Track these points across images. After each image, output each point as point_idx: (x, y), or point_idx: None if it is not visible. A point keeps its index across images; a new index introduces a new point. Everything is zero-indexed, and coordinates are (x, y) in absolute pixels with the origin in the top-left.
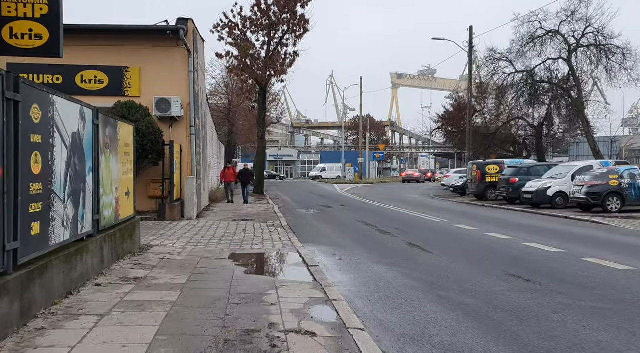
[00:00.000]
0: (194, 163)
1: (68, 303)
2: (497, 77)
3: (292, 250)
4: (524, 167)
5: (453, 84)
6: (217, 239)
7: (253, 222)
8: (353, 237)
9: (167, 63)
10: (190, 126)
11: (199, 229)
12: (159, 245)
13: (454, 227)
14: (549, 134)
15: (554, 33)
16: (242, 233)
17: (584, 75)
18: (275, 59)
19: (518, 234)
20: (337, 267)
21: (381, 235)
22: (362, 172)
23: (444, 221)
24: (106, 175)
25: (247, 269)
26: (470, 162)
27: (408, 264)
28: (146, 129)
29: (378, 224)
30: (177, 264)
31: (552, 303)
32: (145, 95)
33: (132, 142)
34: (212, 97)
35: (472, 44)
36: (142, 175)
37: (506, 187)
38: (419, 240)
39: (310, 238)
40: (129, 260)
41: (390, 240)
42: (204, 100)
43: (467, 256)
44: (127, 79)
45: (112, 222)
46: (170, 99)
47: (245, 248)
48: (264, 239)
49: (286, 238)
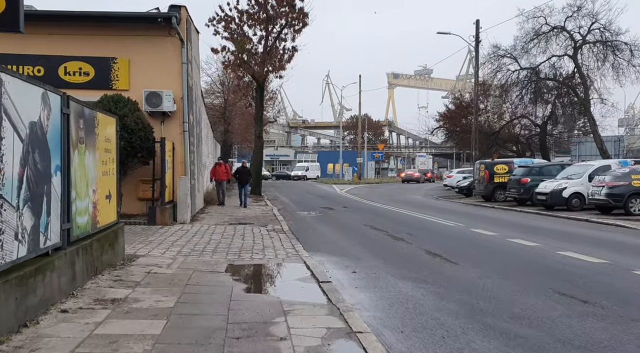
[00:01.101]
0: (188, 162)
1: (18, 342)
2: (501, 74)
3: (298, 261)
4: (535, 167)
5: (449, 83)
6: (212, 247)
7: (252, 226)
8: (363, 244)
9: (159, 54)
10: (184, 122)
11: (192, 235)
12: (146, 254)
13: (472, 232)
14: (552, 133)
15: (559, 29)
16: (240, 240)
17: (590, 73)
18: (274, 54)
19: (546, 241)
20: (353, 283)
21: (394, 241)
22: (361, 172)
23: (459, 225)
24: (80, 176)
25: (247, 286)
26: (477, 162)
27: (435, 279)
28: (135, 124)
29: (387, 228)
30: (166, 280)
31: (630, 334)
32: (135, 88)
33: (115, 137)
34: (207, 96)
35: (478, 38)
36: (131, 175)
37: (517, 188)
38: (438, 248)
39: (315, 245)
40: (108, 276)
41: (406, 248)
42: (199, 95)
43: (499, 268)
44: (115, 71)
45: (87, 230)
46: (162, 92)
47: (244, 259)
48: (264, 247)
49: (289, 245)
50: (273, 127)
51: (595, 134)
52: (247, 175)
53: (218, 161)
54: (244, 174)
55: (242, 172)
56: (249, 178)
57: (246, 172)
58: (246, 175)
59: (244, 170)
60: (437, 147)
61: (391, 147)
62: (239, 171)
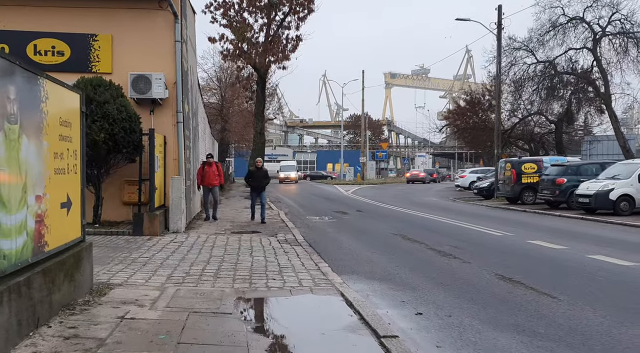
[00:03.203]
0: (182, 159)
1: None
2: (517, 67)
3: (331, 290)
4: (572, 166)
5: (447, 83)
6: (213, 268)
7: (259, 236)
8: (407, 263)
9: (147, 30)
10: (177, 112)
11: (187, 249)
12: (123, 282)
13: (533, 245)
14: (567, 130)
15: (578, 20)
16: (249, 256)
17: (610, 67)
18: (276, 43)
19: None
20: (429, 337)
21: (444, 259)
22: (364, 172)
23: (507, 234)
24: (10, 174)
25: (270, 343)
26: (502, 160)
27: (548, 329)
28: (118, 113)
29: (424, 239)
30: (146, 335)
31: None
32: (119, 71)
33: (79, 121)
34: (204, 93)
35: (500, 25)
36: (115, 174)
37: (551, 189)
38: (508, 270)
39: (345, 264)
40: (57, 328)
41: (466, 270)
42: (195, 83)
43: (627, 309)
44: (95, 51)
45: (25, 259)
46: (151, 75)
47: (258, 287)
48: (281, 267)
49: (311, 263)
50: (270, 127)
51: (617, 131)
52: (263, 179)
53: (207, 158)
54: (258, 177)
55: (256, 175)
56: (265, 182)
57: (261, 175)
58: (262, 178)
59: (258, 172)
60: (437, 146)
61: (391, 147)
62: (252, 174)
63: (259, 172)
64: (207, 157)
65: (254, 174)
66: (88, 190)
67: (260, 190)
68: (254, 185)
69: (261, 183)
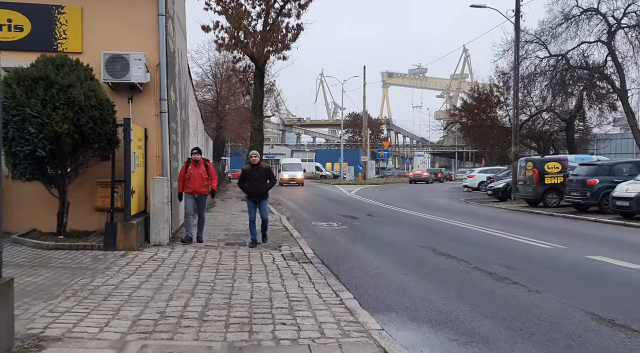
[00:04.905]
0: (167, 156)
1: None
2: (529, 61)
3: (368, 346)
4: (604, 165)
5: (444, 83)
6: (199, 303)
7: (259, 249)
8: (457, 293)
9: (125, 1)
10: (161, 99)
11: (168, 271)
12: (65, 334)
13: (603, 264)
14: (578, 128)
15: (592, 12)
16: (247, 282)
17: (625, 61)
18: (275, 32)
19: None
20: None
21: (500, 285)
22: (365, 172)
23: (558, 247)
24: None
25: None
26: (522, 159)
27: None
28: (85, 99)
29: (460, 254)
30: None
31: None
32: (91, 50)
33: None
34: (198, 89)
35: (519, 11)
36: (86, 175)
37: (581, 191)
38: (600, 306)
39: (376, 295)
40: None
41: (543, 306)
42: (185, 69)
43: None
44: (62, 25)
45: None
46: (129, 56)
47: (262, 340)
48: (290, 301)
49: (330, 293)
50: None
51: (634, 129)
52: (264, 181)
53: (193, 154)
54: (256, 178)
55: (252, 176)
56: (267, 186)
57: (260, 176)
58: (261, 181)
59: (256, 171)
60: (436, 146)
61: (390, 146)
62: (247, 175)
63: (257, 172)
64: (192, 152)
65: (250, 175)
66: (51, 193)
67: (260, 197)
68: (251, 192)
69: (260, 188)
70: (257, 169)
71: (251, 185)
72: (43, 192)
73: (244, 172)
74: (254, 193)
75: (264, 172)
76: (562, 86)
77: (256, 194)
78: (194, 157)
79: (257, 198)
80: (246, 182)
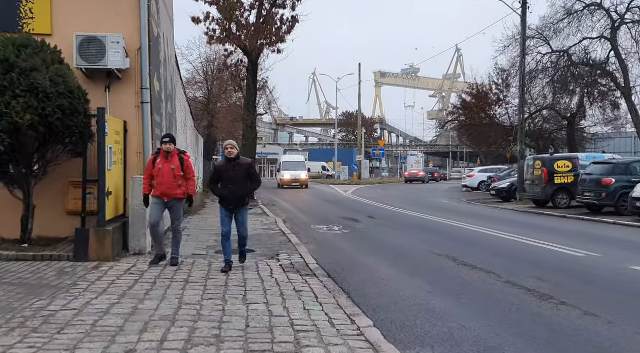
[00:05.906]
0: (149, 153)
1: None
2: (531, 57)
3: None
4: (620, 164)
5: (437, 83)
6: (180, 337)
7: (255, 259)
8: (499, 316)
9: None
10: (143, 88)
11: (145, 289)
12: None
13: None
14: (579, 127)
15: (595, 7)
16: (241, 304)
17: (629, 57)
18: (269, 24)
19: None
20: None
21: (547, 306)
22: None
23: (592, 255)
24: None
25: None
26: (530, 157)
27: None
28: (52, 85)
29: (484, 264)
30: None
31: None
32: (62, 31)
33: None
34: (189, 87)
35: (526, 3)
36: (56, 174)
37: (595, 191)
38: None
39: (400, 321)
40: None
41: (613, 338)
42: (172, 58)
43: None
44: (28, 3)
45: None
46: (105, 38)
47: None
48: (296, 333)
49: (342, 319)
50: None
51: (639, 126)
52: (243, 181)
53: (164, 143)
54: (231, 178)
55: (226, 176)
56: (247, 190)
57: (239, 175)
58: (239, 181)
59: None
60: (429, 145)
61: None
62: (220, 173)
63: (234, 169)
64: (162, 140)
65: (224, 173)
66: (13, 195)
67: (237, 204)
68: (224, 196)
69: (237, 191)
70: (235, 165)
71: (225, 187)
72: (5, 194)
73: (216, 169)
74: (229, 198)
75: (243, 170)
76: (565, 83)
77: (231, 199)
78: (166, 148)
79: (232, 205)
80: (220, 182)
